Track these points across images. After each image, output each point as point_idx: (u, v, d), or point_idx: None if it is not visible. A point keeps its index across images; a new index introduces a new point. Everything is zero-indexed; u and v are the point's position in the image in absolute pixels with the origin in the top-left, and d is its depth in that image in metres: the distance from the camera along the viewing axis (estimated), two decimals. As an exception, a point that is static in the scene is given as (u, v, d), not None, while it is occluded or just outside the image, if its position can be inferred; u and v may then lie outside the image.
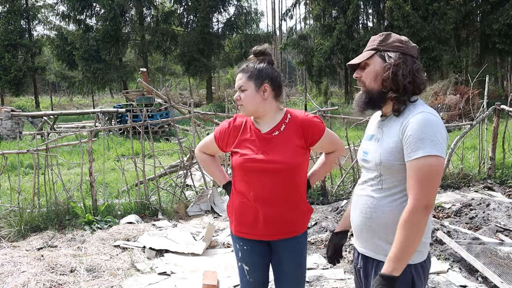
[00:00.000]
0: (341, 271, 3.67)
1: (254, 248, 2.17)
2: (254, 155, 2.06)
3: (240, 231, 2.17)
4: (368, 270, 1.74)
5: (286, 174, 2.05)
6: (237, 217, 2.16)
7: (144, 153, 5.69)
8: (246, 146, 2.10)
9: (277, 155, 2.04)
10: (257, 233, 2.13)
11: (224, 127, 2.20)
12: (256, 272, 2.19)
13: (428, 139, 1.53)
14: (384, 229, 1.67)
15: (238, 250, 2.20)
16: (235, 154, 2.13)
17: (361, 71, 1.71)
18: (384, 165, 1.64)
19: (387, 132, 1.67)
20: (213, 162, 2.36)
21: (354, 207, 1.80)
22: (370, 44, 1.72)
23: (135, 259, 4.04)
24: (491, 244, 3.69)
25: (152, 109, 13.45)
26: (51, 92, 31.73)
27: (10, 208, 5.01)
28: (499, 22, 17.23)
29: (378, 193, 1.68)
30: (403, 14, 18.02)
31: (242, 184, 2.11)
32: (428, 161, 1.53)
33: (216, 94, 30.78)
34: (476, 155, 6.94)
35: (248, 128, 2.14)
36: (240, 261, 2.20)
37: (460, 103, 13.20)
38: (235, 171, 2.16)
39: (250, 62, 2.11)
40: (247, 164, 2.06)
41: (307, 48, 23.16)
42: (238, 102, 2.08)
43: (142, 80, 10.99)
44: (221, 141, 2.21)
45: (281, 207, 2.07)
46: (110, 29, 24.87)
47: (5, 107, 14.78)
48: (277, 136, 2.08)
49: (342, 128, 11.04)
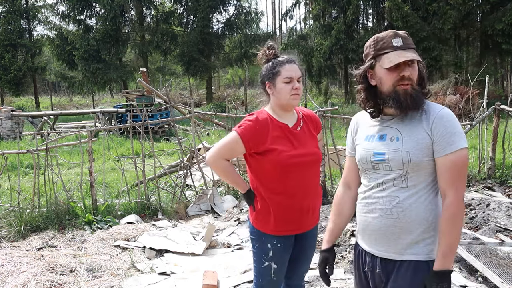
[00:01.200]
0: (341, 271, 3.67)
1: (287, 243, 2.20)
2: (292, 151, 2.11)
3: (283, 230, 2.17)
4: (388, 272, 1.71)
5: (318, 165, 2.21)
6: (277, 217, 2.14)
7: (144, 153, 5.69)
8: (281, 143, 2.10)
9: (308, 147, 2.16)
10: (299, 227, 2.20)
11: (250, 126, 2.11)
12: (282, 269, 2.24)
13: (459, 132, 1.61)
14: (411, 228, 1.67)
15: (269, 250, 2.17)
16: (269, 152, 2.08)
17: (409, 69, 1.66)
18: (413, 163, 1.64)
19: (408, 130, 1.66)
20: (234, 169, 2.26)
21: (371, 211, 1.74)
22: (410, 42, 1.68)
23: (135, 259, 4.04)
24: (491, 244, 3.69)
25: (152, 109, 13.44)
26: (51, 92, 31.68)
27: (10, 208, 5.02)
28: (502, 22, 17.19)
29: (403, 192, 1.67)
30: (402, 14, 18.02)
31: (279, 182, 2.11)
32: (463, 153, 1.61)
33: (216, 94, 30.75)
34: (476, 155, 6.94)
35: (275, 124, 2.15)
36: (268, 261, 2.19)
37: (460, 103, 13.20)
38: (268, 170, 2.11)
39: (289, 54, 2.21)
40: (289, 160, 2.08)
41: (307, 48, 23.16)
42: (297, 91, 2.12)
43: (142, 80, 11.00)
44: (252, 141, 2.09)
45: (315, 197, 2.21)
46: (110, 29, 24.86)
47: (5, 107, 14.77)
48: (301, 131, 2.19)
49: (342, 128, 11.05)
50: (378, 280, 1.75)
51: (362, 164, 1.79)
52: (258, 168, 2.15)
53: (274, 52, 2.19)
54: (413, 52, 1.66)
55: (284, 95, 2.12)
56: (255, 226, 2.22)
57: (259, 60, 2.23)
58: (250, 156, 2.15)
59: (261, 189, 2.16)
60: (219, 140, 2.35)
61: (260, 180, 2.15)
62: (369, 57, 1.72)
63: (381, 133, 1.74)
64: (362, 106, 1.79)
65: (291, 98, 2.12)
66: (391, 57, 1.64)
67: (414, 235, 1.67)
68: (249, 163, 2.19)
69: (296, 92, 2.12)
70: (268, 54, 2.19)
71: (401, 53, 1.64)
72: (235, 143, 2.11)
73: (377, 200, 1.72)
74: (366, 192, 1.78)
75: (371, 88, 1.74)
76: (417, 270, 1.66)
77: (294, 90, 2.11)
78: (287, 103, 2.14)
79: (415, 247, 1.67)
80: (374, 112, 1.75)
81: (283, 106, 2.16)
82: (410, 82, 1.65)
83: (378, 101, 1.73)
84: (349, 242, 4.15)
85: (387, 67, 1.64)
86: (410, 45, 1.67)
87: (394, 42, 1.66)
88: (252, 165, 2.18)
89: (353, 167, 1.89)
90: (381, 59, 1.67)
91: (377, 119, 1.76)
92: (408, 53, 1.64)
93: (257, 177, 2.17)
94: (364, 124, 1.83)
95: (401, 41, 1.66)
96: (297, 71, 2.15)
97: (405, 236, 1.68)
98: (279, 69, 2.13)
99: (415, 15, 18.31)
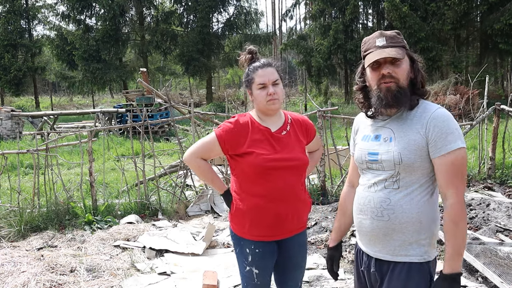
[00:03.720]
0: (341, 271, 3.67)
1: (266, 249, 2.14)
2: (273, 154, 2.07)
3: (258, 235, 2.12)
4: (383, 273, 1.72)
5: (301, 170, 2.15)
6: (252, 221, 2.11)
7: (144, 153, 5.69)
8: (260, 146, 2.08)
9: (291, 152, 2.11)
10: (276, 233, 2.13)
11: (229, 128, 2.11)
12: (265, 274, 2.18)
13: (455, 132, 1.59)
14: (403, 230, 1.66)
15: (248, 254, 2.14)
16: (248, 155, 2.06)
17: (391, 67, 1.65)
18: (404, 164, 1.63)
19: (401, 130, 1.66)
20: (211, 169, 2.22)
21: (363, 212, 1.75)
22: (395, 41, 1.68)
23: (135, 259, 4.04)
24: (491, 244, 3.69)
25: (152, 109, 13.45)
26: (51, 92, 31.73)
27: (10, 208, 5.01)
28: (501, 22, 17.20)
29: (394, 194, 1.67)
30: (400, 15, 18.03)
31: (257, 185, 2.08)
32: (461, 153, 1.60)
33: (216, 94, 30.77)
34: (476, 155, 6.94)
35: (256, 127, 2.12)
36: (249, 265, 2.16)
37: (460, 103, 13.20)
38: (247, 173, 2.09)
39: (268, 59, 2.16)
40: (268, 163, 2.04)
41: (306, 48, 23.16)
42: (272, 96, 2.07)
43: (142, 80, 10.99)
44: (228, 143, 2.09)
45: (297, 203, 2.14)
46: (110, 29, 24.87)
47: (5, 107, 14.78)
48: (286, 135, 2.14)
49: (342, 128, 11.05)
50: (373, 279, 1.76)
51: (359, 163, 1.81)
52: (237, 169, 2.14)
53: (250, 56, 2.16)
54: (395, 50, 1.65)
55: (261, 101, 2.09)
56: (233, 230, 2.21)
57: (241, 67, 2.21)
58: (231, 157, 2.14)
59: (239, 191, 2.14)
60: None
61: (239, 181, 2.14)
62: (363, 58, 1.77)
63: (376, 134, 1.75)
64: (360, 107, 1.81)
65: (268, 104, 2.08)
66: (371, 56, 1.67)
67: (407, 236, 1.66)
68: (230, 164, 2.19)
69: (272, 97, 2.06)
70: (246, 59, 2.17)
71: (382, 51, 1.65)
72: (212, 144, 2.13)
73: (369, 201, 1.73)
74: (361, 192, 1.79)
75: (365, 89, 1.77)
76: (411, 272, 1.65)
77: (269, 96, 2.06)
78: (265, 108, 2.10)
79: (408, 249, 1.67)
80: (370, 113, 1.76)
81: (263, 111, 2.13)
82: (393, 80, 1.64)
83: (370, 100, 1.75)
84: (349, 242, 4.15)
85: (366, 66, 1.69)
86: (395, 44, 1.67)
87: (377, 42, 1.68)
88: (232, 166, 2.17)
89: (356, 166, 1.91)
90: (366, 59, 1.71)
91: (374, 120, 1.77)
92: (388, 50, 1.64)
93: (236, 179, 2.16)
94: (363, 124, 1.84)
95: (384, 41, 1.68)
96: (272, 75, 2.08)
97: (398, 237, 1.68)
98: (252, 76, 2.11)
99: (414, 15, 18.31)
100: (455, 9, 17.62)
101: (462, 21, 18.27)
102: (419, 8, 18.86)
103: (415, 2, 18.91)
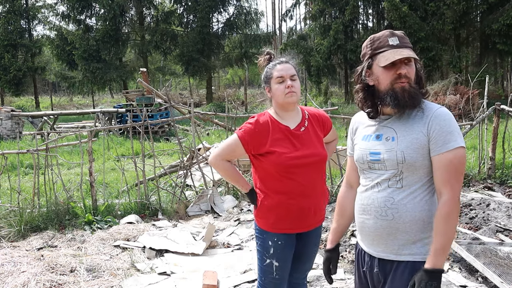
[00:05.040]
0: (341, 271, 3.67)
1: (288, 241, 2.23)
2: (293, 152, 2.15)
3: (282, 228, 2.21)
4: (386, 272, 1.72)
5: (321, 165, 2.24)
6: (277, 216, 2.20)
7: (144, 153, 5.69)
8: (281, 145, 2.16)
9: (311, 148, 2.19)
10: (299, 226, 2.23)
11: (250, 129, 2.19)
12: (284, 267, 2.26)
13: (455, 131, 1.61)
14: (407, 229, 1.66)
15: (270, 247, 2.22)
16: (270, 154, 2.15)
17: (406, 67, 1.66)
18: (408, 163, 1.64)
19: (404, 129, 1.67)
20: (236, 170, 2.33)
21: (366, 212, 1.75)
22: (406, 42, 1.69)
23: (135, 259, 4.04)
24: (491, 244, 3.69)
25: (152, 109, 13.44)
26: (51, 92, 31.70)
27: (10, 208, 5.01)
28: (499, 22, 17.21)
29: (398, 193, 1.67)
30: (400, 15, 18.03)
31: (280, 183, 2.16)
32: (459, 152, 1.60)
33: (216, 94, 30.75)
34: (476, 155, 6.94)
35: (276, 126, 2.20)
36: (269, 258, 2.24)
37: (460, 103, 13.20)
38: (270, 171, 2.18)
39: (286, 57, 2.26)
40: (289, 161, 2.13)
41: (306, 48, 23.15)
42: (290, 89, 2.16)
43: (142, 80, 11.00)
44: (251, 143, 2.18)
45: (318, 197, 2.24)
46: (110, 29, 24.86)
47: (5, 107, 14.77)
48: (305, 131, 2.22)
49: (342, 128, 11.05)
50: (376, 279, 1.76)
51: (359, 164, 1.80)
52: (260, 168, 2.22)
53: (269, 57, 2.28)
54: (409, 51, 1.66)
55: (280, 95, 2.18)
56: (258, 224, 2.30)
57: (260, 69, 2.33)
58: (253, 157, 2.23)
59: (263, 188, 2.23)
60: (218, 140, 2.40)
61: (262, 179, 2.23)
62: (366, 57, 1.73)
63: (377, 133, 1.75)
64: (360, 106, 1.79)
65: (287, 97, 2.17)
66: (387, 55, 1.65)
67: (411, 235, 1.67)
68: (253, 163, 2.27)
69: (290, 90, 2.16)
70: (264, 59, 2.29)
71: (397, 51, 1.65)
72: (235, 145, 2.21)
73: (372, 201, 1.73)
74: (362, 192, 1.79)
75: (369, 88, 1.74)
76: (414, 271, 1.65)
77: (288, 88, 2.15)
78: (284, 102, 2.19)
79: (412, 247, 1.67)
80: (372, 112, 1.76)
81: (282, 106, 2.22)
82: (407, 80, 1.65)
83: (376, 100, 1.73)
84: (349, 242, 4.15)
85: (383, 65, 1.66)
86: (406, 44, 1.68)
87: (390, 41, 1.67)
88: (255, 165, 2.26)
89: (354, 167, 1.90)
90: (377, 58, 1.68)
91: (374, 119, 1.77)
92: (404, 51, 1.65)
93: (260, 177, 2.24)
94: (362, 124, 1.83)
95: (397, 40, 1.67)
96: (289, 70, 2.19)
97: (401, 236, 1.68)
98: (271, 71, 2.22)
99: (413, 15, 18.31)
100: (454, 9, 17.62)
101: (462, 20, 18.27)
102: (419, 8, 18.86)
103: (414, 2, 18.90)
